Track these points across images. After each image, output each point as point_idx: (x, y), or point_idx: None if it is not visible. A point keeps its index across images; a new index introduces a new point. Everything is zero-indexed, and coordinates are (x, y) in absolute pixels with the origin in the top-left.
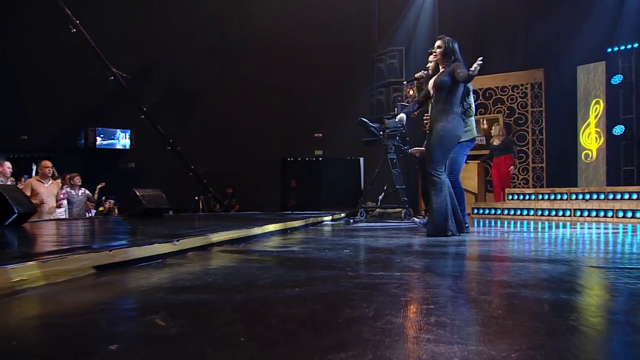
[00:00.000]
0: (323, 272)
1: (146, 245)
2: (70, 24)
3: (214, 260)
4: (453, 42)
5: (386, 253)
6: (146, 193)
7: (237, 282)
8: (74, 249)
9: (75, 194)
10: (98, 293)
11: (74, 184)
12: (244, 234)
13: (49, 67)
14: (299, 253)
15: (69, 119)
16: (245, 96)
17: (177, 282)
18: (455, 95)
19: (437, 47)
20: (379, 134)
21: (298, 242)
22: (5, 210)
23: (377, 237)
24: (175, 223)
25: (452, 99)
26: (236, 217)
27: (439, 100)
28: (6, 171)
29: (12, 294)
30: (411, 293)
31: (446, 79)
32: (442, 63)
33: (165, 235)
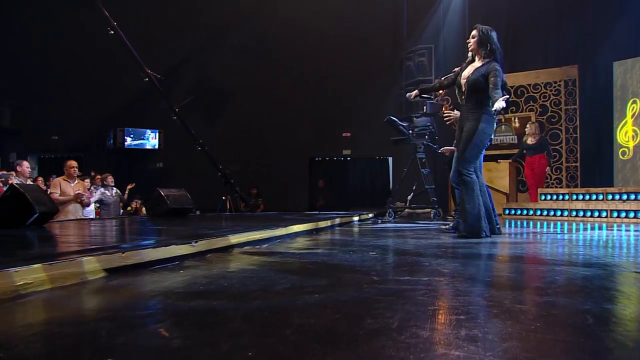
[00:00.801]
0: (346, 276)
1: (162, 247)
2: (108, 25)
3: (233, 263)
4: (490, 31)
5: (414, 256)
6: (171, 193)
7: (253, 287)
8: (85, 250)
9: (109, 194)
10: (104, 298)
11: (107, 184)
12: (267, 235)
13: (81, 68)
14: (322, 255)
15: (98, 119)
16: (274, 95)
17: (191, 286)
18: (487, 95)
19: (472, 37)
20: (408, 132)
21: (323, 244)
22: (26, 210)
23: (405, 239)
24: (198, 223)
25: (484, 98)
26: (262, 217)
27: (470, 98)
28: (25, 171)
29: (14, 299)
30: (439, 301)
31: (481, 79)
32: (478, 53)
33: (186, 236)
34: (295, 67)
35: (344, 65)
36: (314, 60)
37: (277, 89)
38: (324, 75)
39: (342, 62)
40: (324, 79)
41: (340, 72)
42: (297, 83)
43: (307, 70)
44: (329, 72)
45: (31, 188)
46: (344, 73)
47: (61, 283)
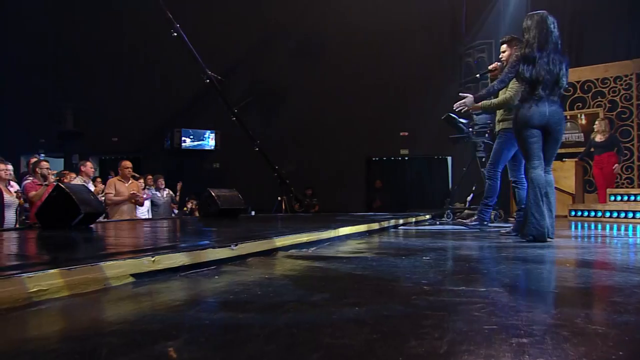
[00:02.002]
0: (394, 285)
1: (197, 251)
2: (171, 27)
3: (274, 268)
4: (528, 19)
5: (471, 261)
6: (221, 193)
7: (289, 296)
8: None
9: (160, 195)
10: (120, 308)
11: (159, 186)
12: (316, 238)
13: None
14: (371, 260)
15: (156, 120)
16: (329, 94)
17: (221, 295)
18: (524, 85)
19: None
20: (468, 130)
21: (374, 247)
22: (71, 210)
23: (463, 242)
24: (248, 224)
25: (524, 88)
26: (315, 218)
27: None
28: (89, 171)
29: (23, 308)
30: (498, 318)
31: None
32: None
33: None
34: (351, 66)
35: (400, 63)
36: (370, 59)
37: (334, 88)
38: (381, 73)
39: (398, 60)
40: (381, 77)
41: (397, 70)
42: (353, 82)
43: (364, 68)
44: (385, 70)
45: (77, 188)
46: (401, 71)
47: (81, 290)
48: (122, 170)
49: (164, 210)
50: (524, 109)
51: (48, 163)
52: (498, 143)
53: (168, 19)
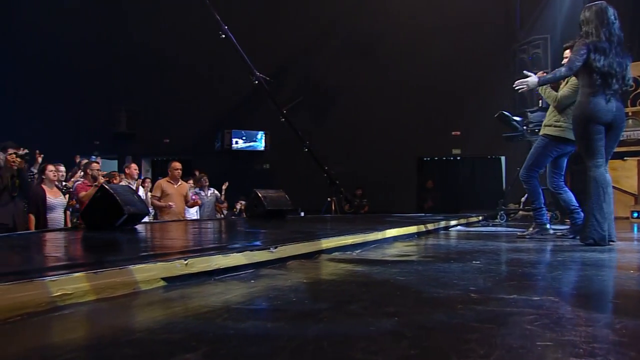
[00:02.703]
0: (439, 292)
1: (234, 254)
2: (220, 30)
3: (314, 272)
4: (586, 10)
5: (524, 266)
6: (268, 194)
7: (324, 304)
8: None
9: (204, 194)
10: (146, 314)
11: (203, 185)
12: (361, 240)
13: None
14: (417, 264)
15: (207, 122)
16: (380, 94)
17: (253, 301)
18: (584, 78)
19: (565, 57)
20: (522, 128)
21: (422, 250)
22: (115, 211)
23: (517, 245)
24: (294, 225)
25: (582, 82)
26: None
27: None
28: (133, 173)
29: (46, 312)
30: (553, 333)
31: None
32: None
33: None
34: (402, 65)
35: (452, 60)
36: (421, 57)
37: (384, 88)
38: (432, 71)
39: (450, 58)
40: (432, 76)
41: (448, 67)
42: (404, 81)
43: (415, 67)
44: (437, 69)
45: (121, 189)
46: (452, 69)
47: (109, 294)
48: (172, 171)
49: (209, 210)
50: (592, 104)
51: (99, 164)
52: (536, 147)
53: (216, 21)
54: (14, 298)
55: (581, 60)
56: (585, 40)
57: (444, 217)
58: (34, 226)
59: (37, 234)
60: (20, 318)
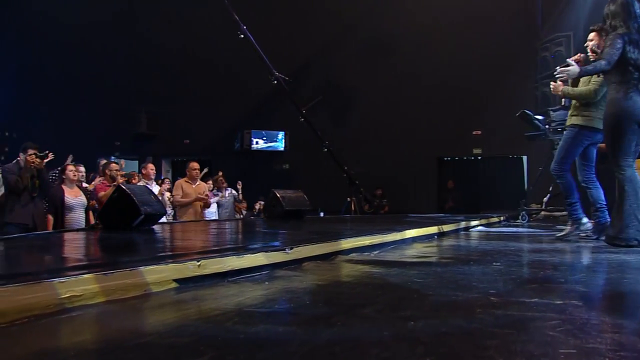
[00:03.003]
0: (457, 295)
1: (248, 255)
2: (239, 30)
3: (330, 274)
4: (611, 4)
5: (546, 269)
6: (286, 194)
7: (338, 307)
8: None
9: (221, 195)
10: (155, 317)
11: (220, 185)
12: (379, 240)
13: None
14: (436, 266)
15: (226, 122)
16: (399, 93)
17: (266, 304)
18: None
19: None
20: (544, 127)
21: (441, 251)
22: (132, 211)
23: (538, 246)
24: (312, 225)
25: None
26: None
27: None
28: (149, 173)
29: (53, 314)
30: (577, 339)
31: None
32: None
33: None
34: (422, 64)
35: (472, 59)
36: (441, 55)
37: (404, 87)
38: (453, 70)
39: (470, 57)
40: (453, 75)
41: (468, 66)
42: (423, 80)
43: (434, 66)
44: (457, 67)
45: (138, 189)
46: (473, 67)
47: (119, 295)
48: (190, 171)
49: (228, 211)
50: (631, 101)
51: (117, 165)
52: (565, 139)
53: (235, 21)
54: (22, 300)
55: (617, 54)
56: (619, 32)
57: (464, 217)
58: (52, 226)
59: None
60: (27, 320)
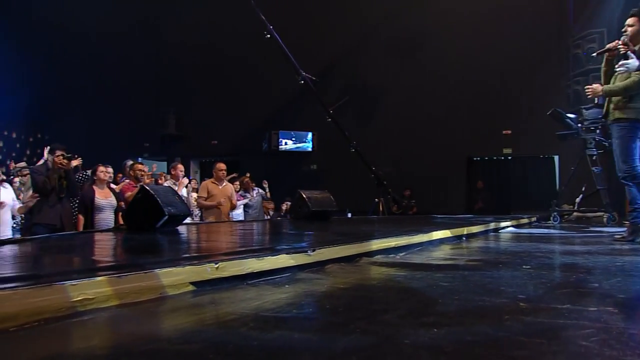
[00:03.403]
0: (485, 300)
1: (268, 257)
2: (265, 29)
3: (353, 277)
4: None
5: (579, 272)
6: (313, 195)
7: (359, 312)
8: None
9: (250, 196)
10: (167, 321)
11: (248, 186)
12: (405, 242)
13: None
14: (463, 269)
15: (254, 123)
16: (428, 92)
17: (284, 308)
18: None
19: (628, 26)
20: (577, 126)
21: (469, 253)
22: (155, 212)
23: (571, 248)
24: (338, 226)
25: None
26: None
27: None
28: (178, 174)
29: (64, 318)
30: (612, 350)
31: None
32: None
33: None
34: (450, 62)
35: (502, 56)
36: (469, 54)
37: (432, 86)
38: (481, 69)
39: (500, 54)
40: (481, 73)
41: (498, 64)
42: (452, 79)
43: (463, 64)
44: (486, 66)
45: (162, 190)
46: (503, 65)
47: (132, 299)
48: (216, 172)
49: (256, 211)
50: None
51: (143, 165)
52: (619, 137)
53: (261, 21)
54: (33, 303)
55: None
56: None
57: (494, 218)
58: (82, 226)
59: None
60: (37, 324)
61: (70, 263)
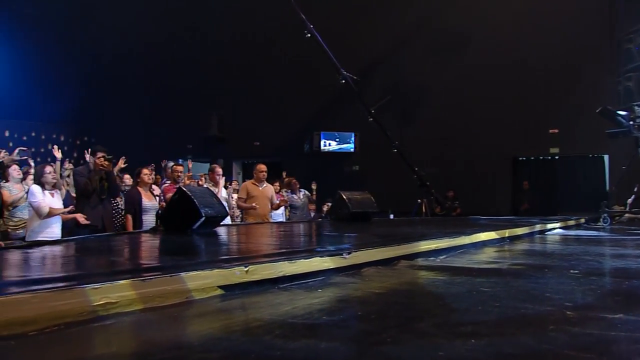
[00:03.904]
0: (528, 308)
1: (301, 260)
2: (305, 29)
3: (390, 281)
4: None
5: (633, 277)
6: (353, 196)
7: (392, 320)
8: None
9: (297, 198)
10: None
11: (294, 188)
12: (446, 244)
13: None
14: (505, 273)
15: (296, 124)
16: (471, 92)
17: (314, 314)
18: None
19: None
20: (628, 124)
21: (513, 257)
22: (192, 213)
23: (623, 252)
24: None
25: None
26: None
27: None
28: (215, 178)
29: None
30: None
31: None
32: None
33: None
34: (494, 60)
35: (547, 53)
36: (513, 51)
37: (475, 85)
38: (525, 66)
39: (545, 50)
40: (525, 71)
41: (544, 61)
42: (495, 77)
43: (506, 62)
44: (531, 63)
45: (199, 191)
46: (549, 62)
47: (157, 303)
48: (257, 173)
49: (302, 212)
50: None
51: (182, 167)
52: None
53: (302, 20)
54: (53, 307)
55: None
56: None
57: (540, 220)
58: (131, 226)
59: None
60: (57, 328)
61: (96, 265)
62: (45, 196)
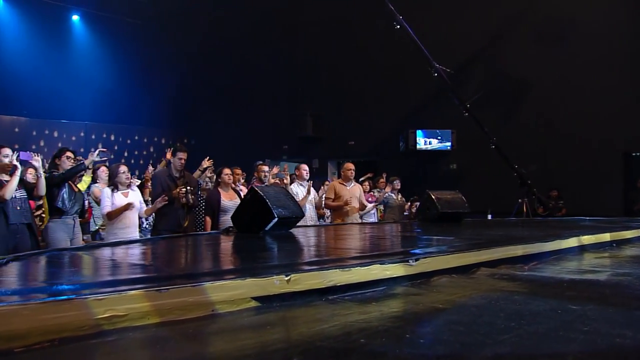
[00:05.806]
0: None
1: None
2: (394, 20)
3: (461, 293)
4: None
5: None
6: (442, 196)
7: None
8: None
9: (395, 197)
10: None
11: (394, 188)
12: (536, 250)
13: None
14: (604, 286)
15: (391, 122)
16: (575, 84)
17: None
18: None
19: None
20: None
21: (616, 264)
22: (265, 214)
23: None
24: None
25: None
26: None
27: None
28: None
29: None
30: None
31: None
32: None
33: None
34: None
35: None
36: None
37: (580, 76)
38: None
39: None
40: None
41: None
42: (603, 67)
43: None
44: None
45: (273, 192)
46: None
47: (177, 316)
48: (345, 172)
49: (399, 213)
50: None
51: (267, 166)
52: None
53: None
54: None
55: None
56: None
57: None
58: (209, 228)
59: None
60: (49, 344)
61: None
62: (115, 198)
